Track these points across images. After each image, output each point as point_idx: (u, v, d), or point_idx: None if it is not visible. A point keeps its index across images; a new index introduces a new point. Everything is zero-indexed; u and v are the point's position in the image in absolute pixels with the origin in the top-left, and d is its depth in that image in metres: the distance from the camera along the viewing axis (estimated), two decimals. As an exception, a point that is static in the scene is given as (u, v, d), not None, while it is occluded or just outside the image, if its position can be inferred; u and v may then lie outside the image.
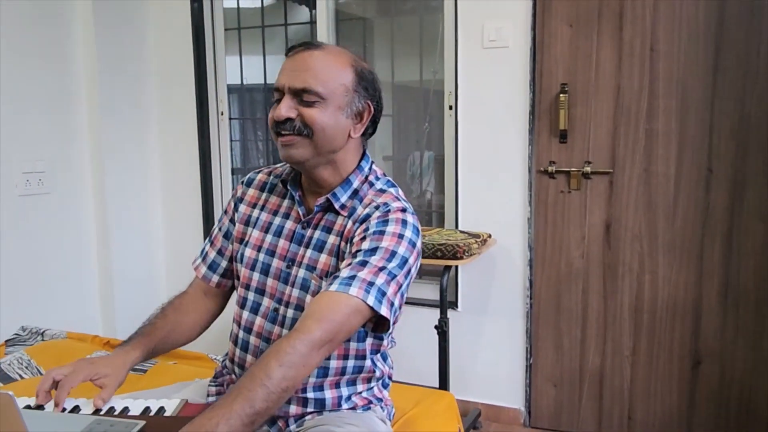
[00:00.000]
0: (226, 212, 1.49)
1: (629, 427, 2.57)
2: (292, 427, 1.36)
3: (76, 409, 1.19)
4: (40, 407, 1.19)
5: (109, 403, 1.21)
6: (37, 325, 2.49)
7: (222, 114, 3.19)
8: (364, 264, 1.18)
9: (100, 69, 2.87)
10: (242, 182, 1.49)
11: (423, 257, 2.30)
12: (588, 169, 2.51)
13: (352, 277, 1.16)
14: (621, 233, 2.51)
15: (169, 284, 3.24)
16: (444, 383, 2.41)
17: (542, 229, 2.62)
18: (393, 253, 1.20)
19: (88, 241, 2.95)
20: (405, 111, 3.18)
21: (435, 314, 2.42)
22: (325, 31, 2.92)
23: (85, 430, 1.05)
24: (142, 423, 1.06)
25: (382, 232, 1.22)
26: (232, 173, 3.29)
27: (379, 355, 1.40)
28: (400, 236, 1.23)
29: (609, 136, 2.48)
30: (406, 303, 2.92)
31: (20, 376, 1.91)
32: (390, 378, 1.50)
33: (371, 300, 1.15)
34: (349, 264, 1.19)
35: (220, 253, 1.47)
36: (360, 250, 1.20)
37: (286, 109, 1.23)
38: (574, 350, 2.62)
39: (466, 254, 2.29)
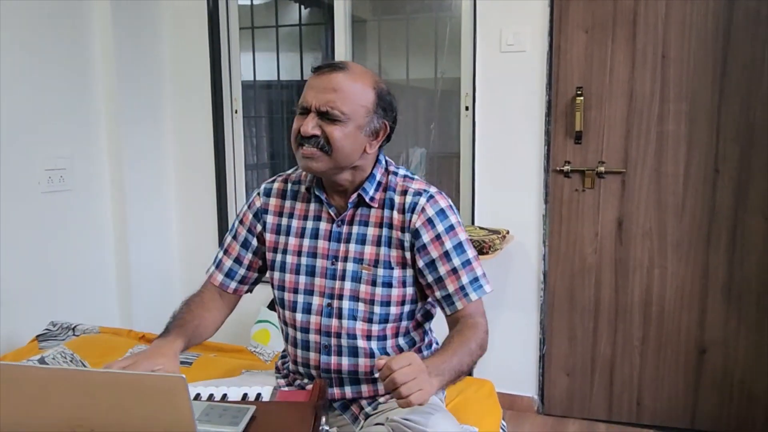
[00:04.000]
0: (242, 222, 1.55)
1: (638, 413, 2.71)
2: (368, 409, 1.44)
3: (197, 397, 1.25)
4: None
5: (208, 391, 1.28)
6: (60, 319, 2.52)
7: (236, 112, 3.24)
8: (468, 263, 1.43)
9: (118, 68, 2.89)
10: (258, 193, 1.55)
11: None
12: (602, 168, 2.63)
13: (476, 279, 1.42)
14: (632, 230, 2.64)
15: (183, 279, 3.27)
16: (466, 373, 2.50)
17: (557, 225, 2.74)
18: (468, 241, 1.45)
19: (106, 236, 2.97)
20: (401, 110, 3.25)
21: (458, 307, 2.51)
22: (342, 33, 2.99)
23: (202, 413, 1.11)
24: (253, 408, 1.13)
25: (452, 227, 1.42)
26: (246, 170, 3.33)
27: (423, 308, 1.52)
28: (459, 223, 1.45)
29: (622, 137, 2.61)
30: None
31: (67, 369, 1.96)
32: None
33: (489, 287, 1.45)
34: (454, 269, 1.41)
35: (237, 261, 1.55)
36: (448, 251, 1.41)
37: (312, 126, 1.34)
38: (586, 341, 2.75)
39: (491, 250, 2.39)
